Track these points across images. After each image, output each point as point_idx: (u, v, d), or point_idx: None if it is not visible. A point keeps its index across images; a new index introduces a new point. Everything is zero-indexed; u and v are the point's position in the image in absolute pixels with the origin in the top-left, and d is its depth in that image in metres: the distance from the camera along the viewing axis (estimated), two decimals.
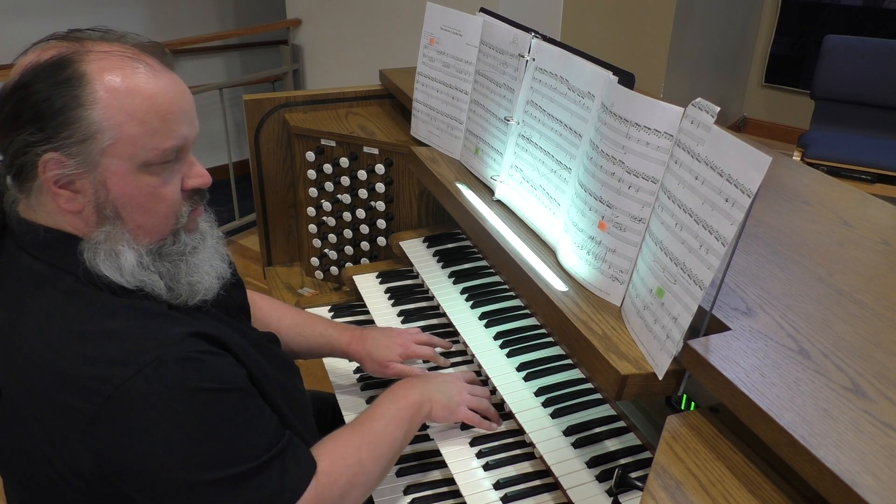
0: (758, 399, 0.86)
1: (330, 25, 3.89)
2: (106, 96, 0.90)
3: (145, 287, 0.97)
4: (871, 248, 1.25)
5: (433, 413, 1.27)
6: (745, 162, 0.88)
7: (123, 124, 0.91)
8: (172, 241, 1.01)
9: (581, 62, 1.27)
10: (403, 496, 1.27)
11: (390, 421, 1.18)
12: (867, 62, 3.95)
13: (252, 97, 2.01)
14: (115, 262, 0.94)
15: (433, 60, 1.71)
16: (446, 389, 1.30)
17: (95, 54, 0.92)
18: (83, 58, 0.91)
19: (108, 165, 0.92)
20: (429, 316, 1.63)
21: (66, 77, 0.89)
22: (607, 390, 1.06)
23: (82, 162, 0.91)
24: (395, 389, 1.27)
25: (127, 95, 0.91)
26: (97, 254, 0.94)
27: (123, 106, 0.91)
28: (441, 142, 1.73)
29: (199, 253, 1.04)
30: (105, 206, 0.94)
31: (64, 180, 0.92)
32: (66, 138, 0.89)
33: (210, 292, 1.04)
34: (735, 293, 1.08)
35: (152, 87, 0.93)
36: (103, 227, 0.95)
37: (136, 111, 0.91)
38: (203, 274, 1.03)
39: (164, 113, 0.94)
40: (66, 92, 0.89)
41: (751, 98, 5.51)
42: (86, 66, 0.90)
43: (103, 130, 0.90)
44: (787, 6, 5.13)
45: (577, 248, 1.22)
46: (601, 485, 1.14)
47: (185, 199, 1.01)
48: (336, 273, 2.08)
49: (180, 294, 1.00)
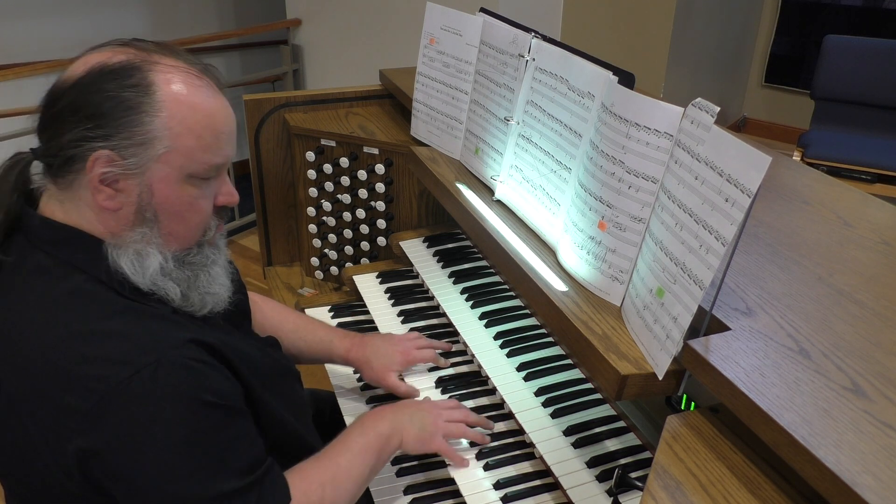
0: (758, 399, 0.86)
1: (330, 25, 3.89)
2: (170, 107, 0.95)
3: (158, 291, 0.99)
4: (871, 248, 1.25)
5: (405, 444, 1.23)
6: (745, 162, 0.88)
7: (181, 136, 0.96)
8: (196, 251, 1.05)
9: (581, 62, 1.27)
10: (403, 496, 1.27)
11: (356, 455, 1.15)
12: (867, 62, 3.95)
13: (252, 97, 2.02)
14: (140, 263, 0.97)
15: (433, 60, 1.71)
16: (419, 419, 1.25)
17: (164, 66, 0.97)
18: (152, 68, 0.96)
19: (157, 171, 0.96)
20: (429, 316, 1.63)
21: (135, 82, 0.94)
22: (607, 390, 1.06)
23: (134, 164, 0.94)
24: (364, 420, 1.22)
25: (189, 109, 0.96)
26: (125, 252, 0.97)
27: (185, 119, 0.96)
28: (441, 142, 1.73)
29: (216, 266, 1.07)
30: (147, 209, 0.97)
31: (110, 178, 0.95)
32: (124, 139, 0.93)
33: (220, 305, 1.07)
34: (735, 293, 1.08)
35: (211, 105, 0.99)
36: (139, 228, 0.98)
37: (195, 126, 0.96)
38: (218, 286, 1.07)
39: (217, 132, 0.99)
40: (133, 97, 0.93)
41: (751, 98, 5.51)
42: (154, 76, 0.95)
43: (162, 138, 0.95)
44: (787, 6, 5.13)
45: (577, 248, 1.22)
46: (601, 485, 1.14)
47: (214, 214, 1.05)
48: (336, 273, 2.08)
49: (193, 303, 1.03)
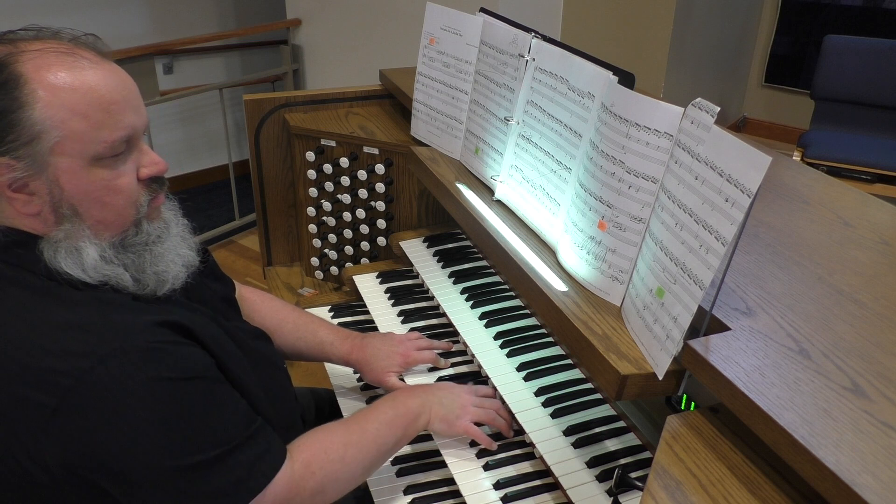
0: (758, 399, 0.86)
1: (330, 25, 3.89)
2: (45, 94, 0.89)
3: (109, 280, 0.96)
4: (871, 248, 1.25)
5: (431, 424, 1.25)
6: (745, 162, 0.88)
7: (67, 121, 0.90)
8: (135, 231, 1.00)
9: (581, 62, 1.27)
10: (403, 496, 1.27)
11: (384, 424, 1.16)
12: (867, 62, 3.95)
13: (252, 97, 2.02)
14: (76, 259, 0.94)
15: (433, 60, 1.71)
16: (449, 402, 1.27)
17: (30, 53, 0.91)
18: (18, 58, 0.90)
19: (58, 164, 0.91)
20: (429, 316, 1.63)
21: (3, 79, 0.89)
22: (607, 390, 1.06)
23: (32, 163, 0.90)
24: (396, 395, 1.25)
25: (66, 91, 0.90)
26: (58, 252, 0.93)
27: (64, 102, 0.90)
28: (441, 142, 1.73)
29: (163, 242, 1.03)
30: (61, 204, 0.93)
31: (17, 184, 0.91)
32: (11, 142, 0.89)
33: (178, 281, 1.03)
34: (735, 293, 1.08)
35: (91, 79, 0.92)
36: (62, 226, 0.94)
37: (77, 106, 0.90)
38: (169, 263, 1.02)
39: (106, 104, 0.92)
40: (5, 95, 0.88)
41: (751, 98, 5.51)
42: (21, 66, 0.89)
43: (48, 129, 0.89)
44: (787, 6, 5.12)
45: (577, 248, 1.22)
46: (601, 485, 1.14)
47: (143, 189, 1.00)
48: (336, 273, 2.08)
49: (147, 284, 0.99)
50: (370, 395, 1.50)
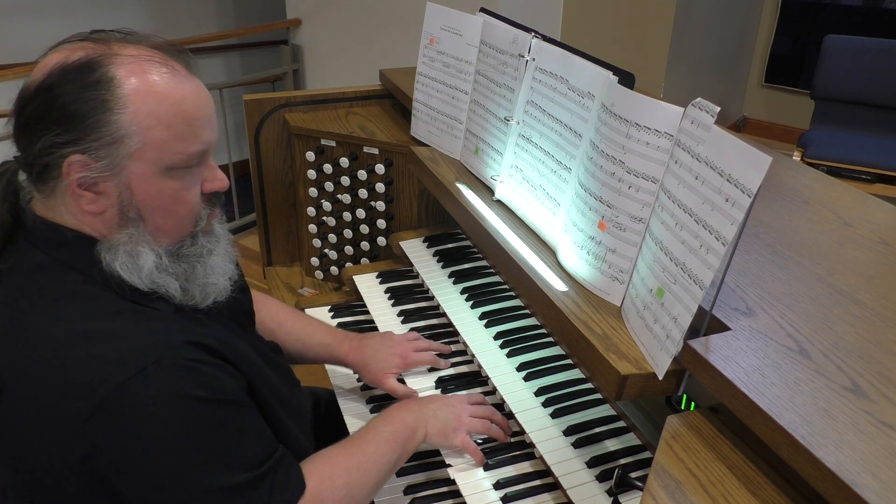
0: (758, 399, 0.86)
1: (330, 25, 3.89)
2: (135, 101, 0.91)
3: (158, 289, 0.98)
4: (871, 248, 1.25)
5: (428, 438, 1.24)
6: (746, 162, 0.88)
7: (151, 129, 0.92)
8: (190, 242, 1.02)
9: (581, 62, 1.27)
10: (403, 496, 1.27)
11: (383, 444, 1.15)
12: (867, 62, 3.95)
13: (252, 97, 2.01)
14: (133, 264, 0.95)
15: (433, 60, 1.71)
16: (444, 414, 1.26)
17: (123, 57, 0.92)
18: (112, 61, 0.92)
19: (133, 169, 0.93)
20: (429, 316, 1.63)
21: (94, 80, 0.90)
22: (607, 390, 1.06)
23: (108, 165, 0.92)
24: (391, 411, 1.24)
25: (155, 100, 0.92)
26: (117, 255, 0.95)
27: (152, 111, 0.92)
28: (441, 142, 1.73)
29: (214, 255, 1.05)
30: (129, 208, 0.95)
31: (88, 182, 0.92)
32: (93, 141, 0.90)
33: (222, 294, 1.05)
34: (735, 293, 1.08)
35: (179, 92, 0.94)
36: (126, 229, 0.96)
37: (163, 116, 0.92)
38: (218, 276, 1.05)
39: (190, 118, 0.95)
40: (95, 95, 0.90)
41: (751, 98, 5.51)
42: (115, 69, 0.91)
43: (131, 135, 0.91)
44: (787, 6, 5.12)
45: (577, 248, 1.22)
46: (601, 485, 1.14)
47: (204, 203, 1.02)
48: (336, 273, 2.08)
49: (194, 296, 1.01)
50: (370, 395, 1.50)
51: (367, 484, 1.11)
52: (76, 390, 0.87)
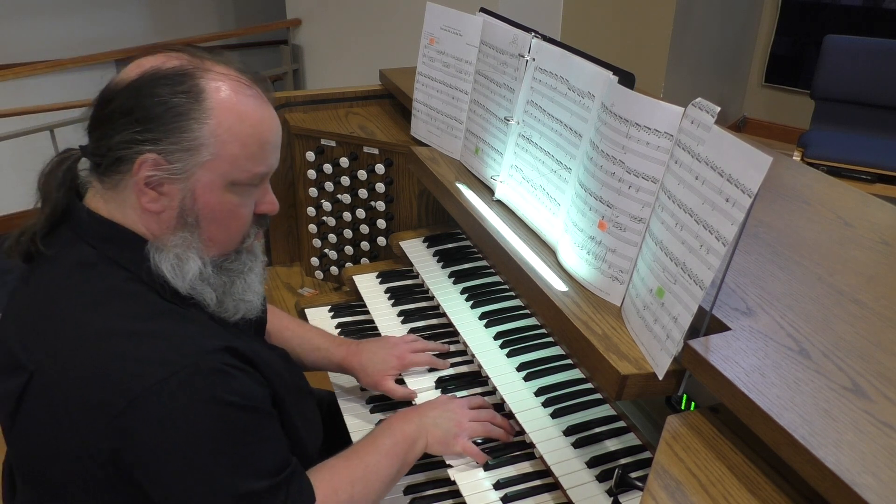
0: (758, 399, 0.86)
1: (330, 25, 3.89)
2: (218, 115, 0.96)
3: (196, 296, 1.00)
4: (871, 248, 1.25)
5: (429, 447, 1.24)
6: (746, 162, 0.88)
7: (227, 143, 0.97)
8: (234, 257, 1.06)
9: (581, 62, 1.27)
10: (404, 496, 1.27)
11: (384, 455, 1.16)
12: (867, 62, 3.95)
13: None
14: (180, 267, 0.98)
15: (433, 60, 1.71)
16: (444, 422, 1.26)
17: (215, 74, 0.98)
18: (203, 75, 0.97)
19: (201, 177, 0.97)
20: (429, 316, 1.63)
21: (185, 89, 0.95)
22: (607, 390, 1.06)
23: (179, 169, 0.96)
24: (392, 422, 1.24)
25: (237, 118, 0.97)
26: (166, 256, 0.98)
27: (232, 127, 0.97)
28: (441, 142, 1.73)
29: (252, 273, 1.09)
30: (188, 213, 0.98)
31: (155, 182, 0.96)
32: (171, 144, 0.95)
33: (253, 312, 1.09)
34: (735, 293, 1.08)
35: (259, 115, 1.00)
36: (181, 233, 0.99)
37: (241, 134, 0.98)
38: (252, 294, 1.08)
39: (263, 141, 1.01)
40: (183, 102, 0.95)
41: (751, 98, 5.51)
42: (205, 83, 0.97)
43: (208, 146, 0.96)
44: (787, 6, 5.13)
45: (577, 248, 1.22)
46: (601, 485, 1.14)
47: (254, 222, 1.07)
48: (336, 273, 2.08)
49: (227, 309, 1.04)
50: (370, 396, 1.50)
51: (370, 496, 1.12)
52: (113, 384, 0.89)
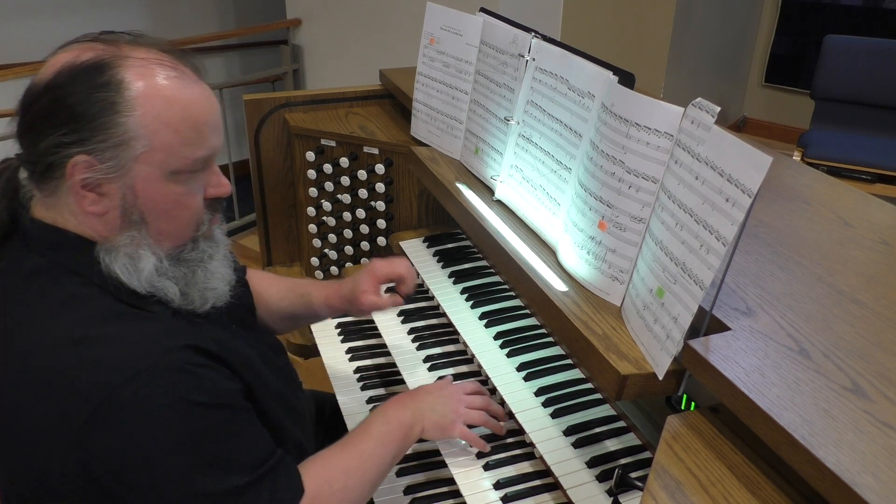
0: (758, 399, 0.86)
1: (330, 25, 3.89)
2: (144, 103, 0.91)
3: (157, 293, 0.97)
4: (871, 248, 1.25)
5: (426, 433, 1.22)
6: (746, 162, 0.88)
7: (158, 132, 0.92)
8: (191, 247, 1.02)
9: (581, 62, 1.27)
10: (403, 496, 1.27)
11: (379, 443, 1.14)
12: (867, 62, 3.95)
13: (252, 97, 2.01)
14: (133, 266, 0.95)
15: (433, 60, 1.71)
16: (440, 407, 1.24)
17: (133, 60, 0.92)
18: (121, 63, 0.91)
19: (138, 171, 0.92)
20: (429, 316, 1.63)
21: (104, 81, 0.90)
22: (607, 390, 1.06)
23: (113, 167, 0.91)
24: (386, 409, 1.22)
25: (164, 104, 0.92)
26: (117, 257, 0.94)
27: (160, 114, 0.91)
28: (441, 142, 1.73)
29: (214, 260, 1.05)
30: (132, 211, 0.94)
31: (92, 183, 0.92)
32: (99, 142, 0.90)
33: (221, 300, 1.05)
34: (735, 293, 1.08)
35: (188, 96, 0.94)
36: (128, 232, 0.95)
37: (171, 120, 0.92)
38: (217, 281, 1.04)
39: (198, 123, 0.95)
40: (104, 97, 0.89)
41: (751, 98, 5.51)
42: (124, 71, 0.91)
43: (138, 137, 0.91)
44: (787, 6, 5.12)
45: (577, 248, 1.22)
46: (601, 485, 1.14)
47: (206, 208, 1.02)
48: (336, 273, 2.08)
49: (193, 300, 1.01)
50: (370, 396, 1.50)
51: (365, 485, 1.11)
52: (72, 395, 0.86)
